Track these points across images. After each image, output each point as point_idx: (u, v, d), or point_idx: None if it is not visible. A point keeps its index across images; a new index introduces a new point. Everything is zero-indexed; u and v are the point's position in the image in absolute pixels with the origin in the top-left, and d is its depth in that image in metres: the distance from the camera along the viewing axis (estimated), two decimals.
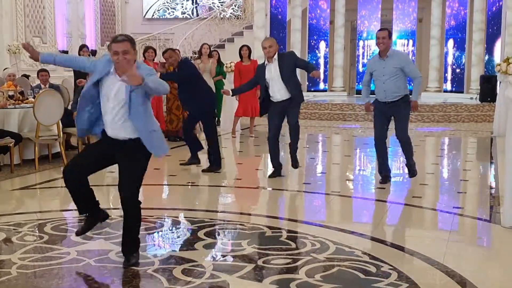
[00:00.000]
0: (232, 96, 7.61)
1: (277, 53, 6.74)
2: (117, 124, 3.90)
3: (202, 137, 8.15)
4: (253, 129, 11.07)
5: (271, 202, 6.28)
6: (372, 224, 5.37)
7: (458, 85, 15.86)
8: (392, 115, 6.61)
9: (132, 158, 3.91)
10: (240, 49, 10.74)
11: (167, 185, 7.08)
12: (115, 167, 4.08)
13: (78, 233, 4.33)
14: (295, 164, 7.15)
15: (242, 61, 10.59)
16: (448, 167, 8.50)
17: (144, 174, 3.99)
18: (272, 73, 6.72)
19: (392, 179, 6.85)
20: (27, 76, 11.94)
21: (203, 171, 7.31)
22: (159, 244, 4.58)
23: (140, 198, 3.99)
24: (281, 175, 7.01)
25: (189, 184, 6.89)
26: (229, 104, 11.40)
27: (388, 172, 6.77)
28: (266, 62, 6.80)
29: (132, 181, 3.89)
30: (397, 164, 8.14)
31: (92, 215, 4.26)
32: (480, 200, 6.26)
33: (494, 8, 14.81)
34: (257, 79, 6.99)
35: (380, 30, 6.68)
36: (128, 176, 3.89)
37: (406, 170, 6.92)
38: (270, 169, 7.22)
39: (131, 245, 3.98)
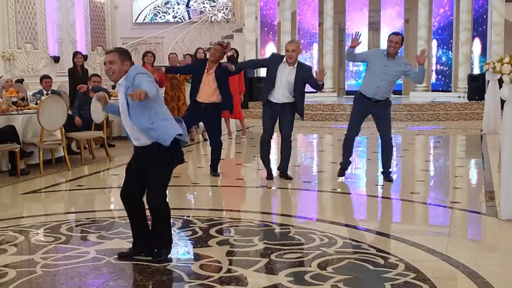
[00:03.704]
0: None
1: (298, 60, 6.69)
2: (134, 132, 4.11)
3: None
4: (245, 130, 11.25)
5: (275, 200, 6.48)
6: (375, 219, 5.58)
7: (446, 84, 16.19)
8: (373, 114, 6.70)
9: (154, 164, 4.08)
10: None
11: (172, 186, 7.20)
12: (119, 170, 4.25)
13: (121, 256, 4.24)
14: (284, 176, 7.01)
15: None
16: (441, 164, 8.75)
17: (168, 179, 4.18)
18: (286, 76, 6.64)
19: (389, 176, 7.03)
20: (21, 81, 12.04)
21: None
22: (175, 241, 4.74)
23: (144, 199, 4.21)
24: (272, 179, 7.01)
25: (193, 184, 7.05)
26: None
27: (347, 166, 7.01)
28: (285, 60, 6.66)
29: (157, 189, 4.10)
30: (394, 162, 8.35)
31: (140, 242, 4.27)
32: (475, 195, 6.52)
33: (479, 8, 15.15)
34: (265, 64, 6.93)
35: (395, 34, 6.60)
36: (153, 183, 4.09)
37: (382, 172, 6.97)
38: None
39: (161, 242, 4.18)
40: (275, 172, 7.16)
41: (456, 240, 4.72)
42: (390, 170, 6.88)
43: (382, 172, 6.90)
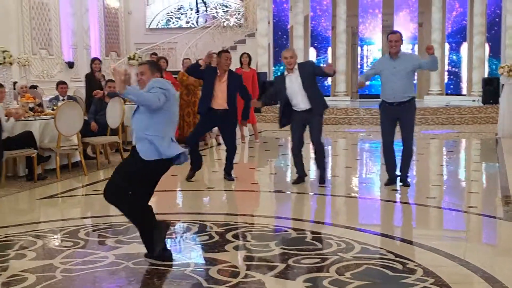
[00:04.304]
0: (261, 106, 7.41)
1: (297, 63, 6.80)
2: (135, 134, 4.33)
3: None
4: (258, 135, 11.28)
5: (290, 205, 6.49)
6: (392, 224, 5.57)
7: (460, 88, 16.12)
8: (398, 118, 6.68)
9: (132, 168, 4.27)
10: (241, 56, 11.04)
11: (187, 190, 7.25)
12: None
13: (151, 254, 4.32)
14: (321, 180, 7.05)
15: (242, 68, 10.84)
16: (456, 169, 8.71)
17: (139, 186, 4.21)
18: (293, 83, 6.73)
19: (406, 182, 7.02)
20: (35, 87, 12.13)
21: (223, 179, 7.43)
22: (191, 246, 4.77)
23: (160, 204, 4.26)
24: (304, 182, 7.06)
25: (208, 189, 7.08)
26: None
27: (394, 175, 6.86)
28: (285, 73, 6.83)
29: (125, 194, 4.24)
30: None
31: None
32: (491, 199, 6.48)
33: (491, 13, 15.08)
34: (276, 90, 6.99)
35: (392, 33, 6.75)
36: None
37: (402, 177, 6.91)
38: (282, 173, 7.41)
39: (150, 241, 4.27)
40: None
41: (473, 244, 4.70)
42: (407, 175, 6.84)
43: (399, 176, 6.86)
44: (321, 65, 6.99)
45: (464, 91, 16.02)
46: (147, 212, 4.26)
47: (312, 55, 17.11)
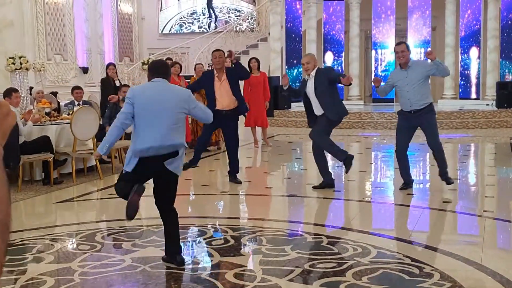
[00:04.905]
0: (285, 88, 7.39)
1: (316, 68, 6.81)
2: None
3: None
4: (268, 140, 11.28)
5: (304, 210, 6.48)
6: (408, 228, 5.55)
7: (474, 92, 16.04)
8: (418, 125, 6.68)
9: None
10: (249, 61, 11.07)
11: (201, 195, 7.28)
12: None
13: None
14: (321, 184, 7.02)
15: (252, 73, 10.85)
16: (471, 173, 8.67)
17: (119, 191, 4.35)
18: (309, 88, 6.80)
19: (421, 185, 7.01)
20: (55, 94, 12.23)
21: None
22: (208, 250, 4.79)
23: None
24: (331, 187, 6.96)
25: (222, 193, 7.10)
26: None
27: (408, 180, 6.84)
28: (307, 77, 6.92)
29: None
30: (420, 171, 8.31)
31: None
32: (506, 204, 6.45)
33: (507, 15, 15.00)
34: (300, 90, 7.08)
35: (397, 44, 6.83)
36: None
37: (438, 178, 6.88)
38: (295, 177, 7.41)
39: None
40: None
41: (489, 249, 4.68)
42: (446, 171, 6.73)
43: (439, 175, 6.79)
44: (340, 76, 6.91)
45: (473, 95, 15.91)
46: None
47: (329, 60, 17.11)
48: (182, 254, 4.26)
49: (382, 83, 7.17)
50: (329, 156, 7.26)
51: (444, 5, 15.78)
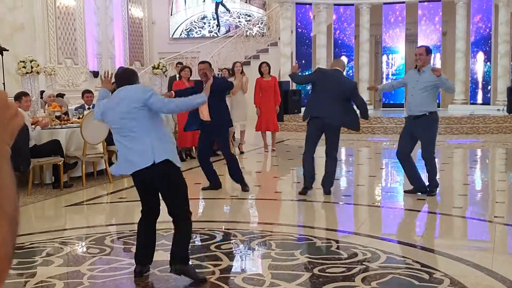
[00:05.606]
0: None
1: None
2: None
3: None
4: (275, 144, 11.27)
5: (314, 214, 6.46)
6: (417, 234, 5.53)
7: (485, 97, 15.95)
8: (415, 132, 6.58)
9: None
10: (260, 66, 11.06)
11: (210, 199, 7.27)
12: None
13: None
14: (303, 191, 6.89)
15: (263, 77, 10.86)
16: (482, 178, 8.62)
17: None
18: None
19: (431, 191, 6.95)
20: (62, 95, 12.30)
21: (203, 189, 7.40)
22: (216, 254, 4.78)
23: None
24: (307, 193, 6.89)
25: (231, 198, 7.10)
26: (250, 120, 11.50)
27: (417, 184, 6.73)
28: None
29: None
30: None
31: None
32: None
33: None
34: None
35: (418, 47, 6.92)
36: None
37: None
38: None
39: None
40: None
41: (500, 255, 4.64)
42: (435, 182, 6.68)
43: (427, 186, 6.75)
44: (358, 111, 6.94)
45: (484, 100, 15.81)
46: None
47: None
48: (184, 264, 4.03)
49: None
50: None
51: (455, 10, 15.71)
